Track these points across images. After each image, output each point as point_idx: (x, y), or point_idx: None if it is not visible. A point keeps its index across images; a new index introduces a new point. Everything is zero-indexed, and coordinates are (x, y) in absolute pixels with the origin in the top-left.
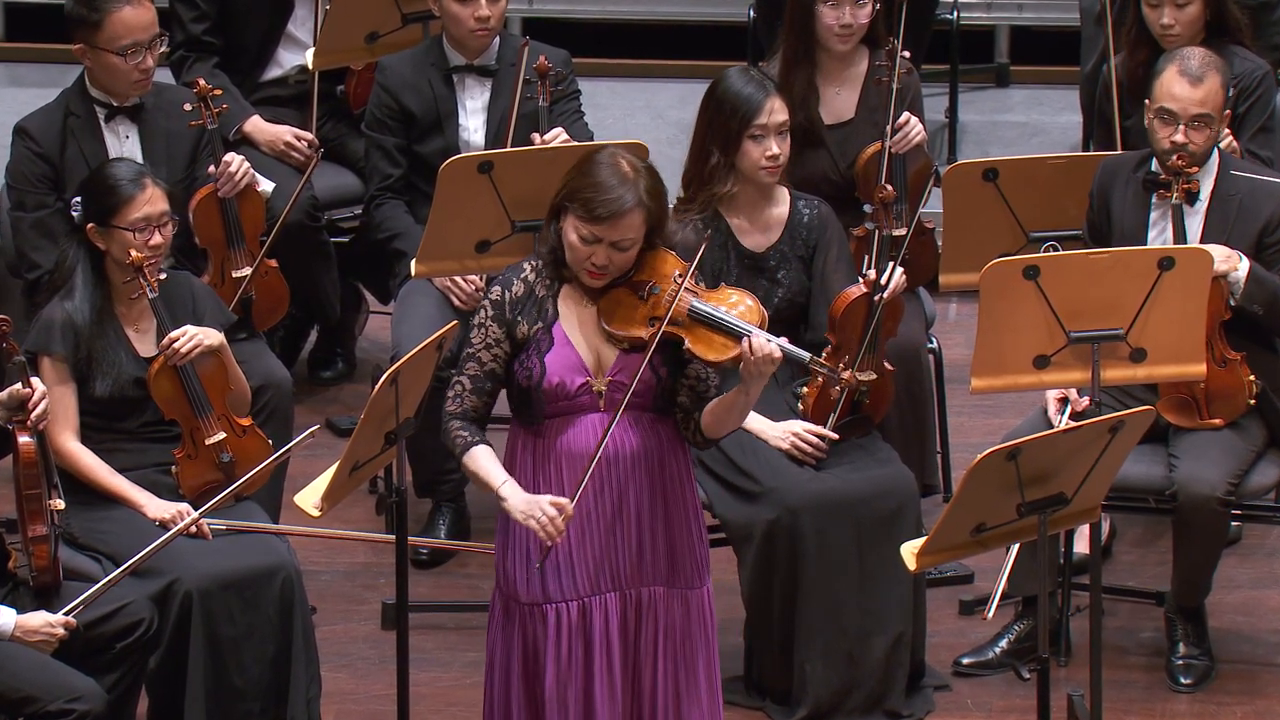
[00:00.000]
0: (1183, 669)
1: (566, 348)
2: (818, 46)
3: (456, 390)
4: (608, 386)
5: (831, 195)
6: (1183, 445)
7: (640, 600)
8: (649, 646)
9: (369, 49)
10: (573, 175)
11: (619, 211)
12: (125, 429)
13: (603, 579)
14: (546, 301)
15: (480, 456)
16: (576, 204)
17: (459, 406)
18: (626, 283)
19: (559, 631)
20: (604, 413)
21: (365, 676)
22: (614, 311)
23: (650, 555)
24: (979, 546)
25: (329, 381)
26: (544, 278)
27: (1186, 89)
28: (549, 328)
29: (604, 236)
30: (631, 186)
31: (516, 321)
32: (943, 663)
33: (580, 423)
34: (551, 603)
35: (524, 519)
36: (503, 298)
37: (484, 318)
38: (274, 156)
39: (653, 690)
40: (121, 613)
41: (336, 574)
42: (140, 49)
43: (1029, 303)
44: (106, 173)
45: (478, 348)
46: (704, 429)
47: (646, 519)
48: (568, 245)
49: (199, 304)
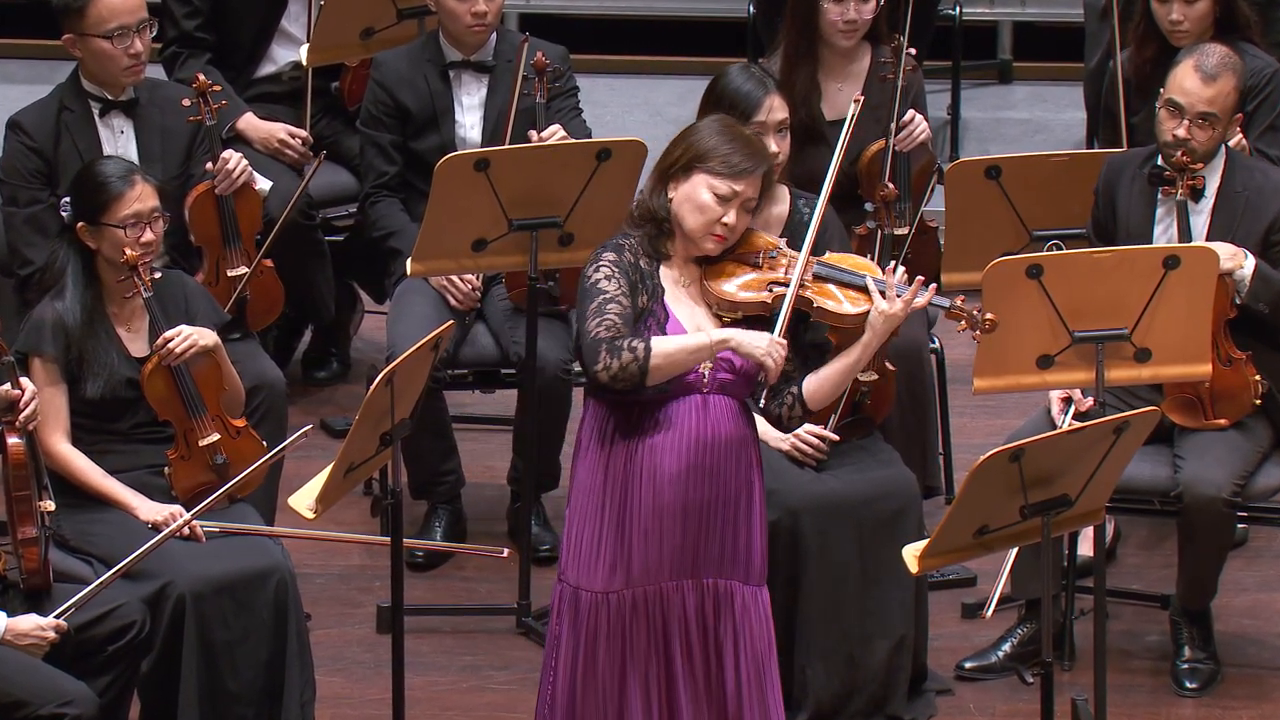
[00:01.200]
0: (1188, 673)
1: (677, 324)
2: (820, 42)
3: (607, 324)
4: (713, 366)
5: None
6: (1188, 446)
7: (719, 592)
8: (729, 642)
9: (364, 45)
10: (693, 139)
11: (760, 167)
12: (117, 430)
13: (684, 566)
14: (650, 277)
15: (664, 341)
16: (714, 161)
17: (616, 332)
18: (732, 257)
19: (638, 618)
20: (706, 394)
21: (360, 681)
22: (728, 282)
23: (731, 548)
24: (982, 549)
25: (323, 382)
26: (642, 254)
27: (1198, 85)
28: (660, 301)
29: (743, 191)
30: (759, 146)
31: (636, 286)
32: (945, 666)
33: (682, 403)
34: (631, 588)
35: (762, 354)
36: (621, 259)
37: (611, 271)
38: (268, 154)
39: (736, 689)
40: (113, 615)
41: (331, 577)
42: (128, 32)
43: (1032, 302)
44: (95, 170)
45: (614, 293)
46: (808, 398)
47: (731, 510)
48: (695, 208)
49: (192, 303)
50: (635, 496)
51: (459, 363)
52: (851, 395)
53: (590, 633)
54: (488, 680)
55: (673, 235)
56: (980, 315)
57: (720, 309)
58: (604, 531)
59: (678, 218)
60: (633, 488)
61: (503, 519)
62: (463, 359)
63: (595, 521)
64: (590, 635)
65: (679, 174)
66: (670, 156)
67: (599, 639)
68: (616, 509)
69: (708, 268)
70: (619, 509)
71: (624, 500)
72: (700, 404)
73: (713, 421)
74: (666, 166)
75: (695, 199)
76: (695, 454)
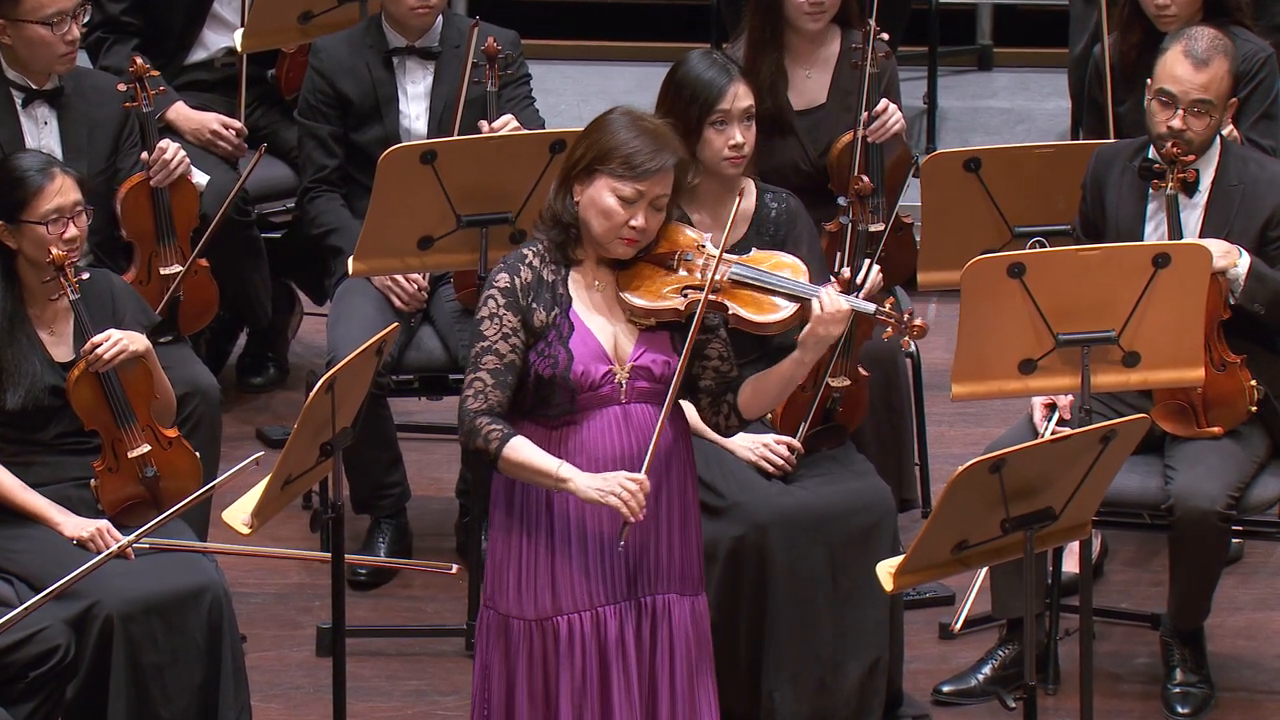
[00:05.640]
0: (1180, 697)
1: (587, 334)
2: (786, 26)
3: (476, 388)
4: (630, 375)
5: (802, 187)
6: (1180, 456)
7: (655, 608)
8: (664, 656)
9: (302, 29)
10: (594, 137)
11: (666, 164)
12: (40, 440)
13: (617, 586)
14: (557, 286)
15: (523, 446)
16: (615, 163)
17: (484, 403)
18: (647, 258)
19: (573, 644)
20: (625, 405)
21: (299, 707)
22: (641, 286)
23: (665, 560)
24: (960, 565)
25: (259, 389)
26: (549, 262)
27: (1189, 71)
28: (566, 313)
29: (647, 193)
30: (667, 139)
31: (532, 308)
32: (922, 690)
33: (602, 417)
34: (564, 614)
35: (602, 497)
36: (513, 284)
37: (495, 308)
38: (199, 146)
39: (670, 700)
40: (35, 639)
41: (268, 596)
42: (66, 18)
43: (1014, 303)
44: (11, 165)
45: (493, 339)
46: (742, 408)
47: (663, 521)
48: (600, 212)
49: (119, 304)
50: (560, 519)
51: (404, 368)
52: (823, 402)
53: (526, 662)
54: (435, 706)
55: (581, 240)
56: (908, 321)
57: (633, 316)
58: (529, 557)
59: (584, 222)
60: (557, 510)
61: (451, 533)
62: (408, 364)
63: (519, 547)
64: (526, 665)
65: (582, 176)
66: (572, 157)
67: (534, 669)
68: (543, 533)
69: (621, 272)
70: (545, 533)
71: (549, 523)
72: (620, 416)
73: (636, 433)
74: (568, 168)
75: (599, 203)
76: (609, 469)
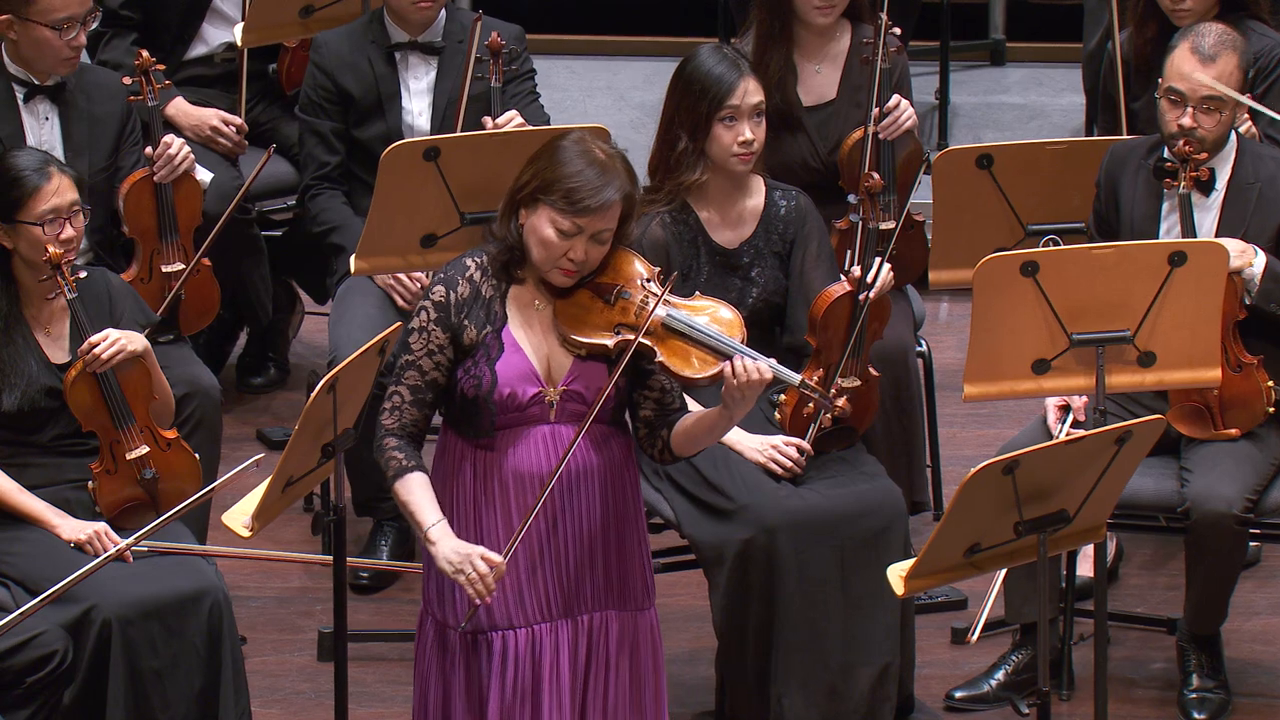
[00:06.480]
0: (1196, 703)
1: (517, 354)
2: (795, 21)
3: (394, 402)
4: (561, 397)
5: (811, 184)
6: (1196, 458)
7: (592, 626)
8: (599, 674)
9: (303, 24)
10: (541, 164)
11: (608, 201)
12: (37, 442)
13: (553, 605)
14: (494, 303)
15: (414, 485)
16: (555, 195)
17: (396, 421)
18: (589, 285)
19: (505, 661)
20: (554, 425)
21: (300, 713)
22: (576, 316)
23: (603, 578)
24: (973, 569)
25: (260, 389)
26: (490, 277)
27: (1197, 68)
28: (498, 332)
29: (587, 228)
30: (614, 173)
31: (463, 325)
32: (934, 696)
33: (529, 436)
34: (498, 630)
35: (452, 572)
36: (447, 299)
37: (425, 320)
38: (199, 143)
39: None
40: (32, 644)
41: (268, 600)
42: (75, 24)
43: (1027, 302)
44: (8, 164)
45: (418, 354)
46: (674, 448)
47: (600, 540)
48: (539, 241)
49: (116, 303)
50: (491, 541)
51: None
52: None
53: (460, 673)
54: None
55: (525, 261)
56: (831, 399)
57: (565, 344)
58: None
59: (527, 247)
60: (488, 530)
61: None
62: None
63: None
64: (461, 676)
65: (527, 201)
66: (519, 181)
67: (470, 682)
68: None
69: (559, 299)
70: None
71: (480, 540)
72: (548, 435)
73: (561, 453)
74: (514, 191)
75: (539, 232)
76: (552, 492)
